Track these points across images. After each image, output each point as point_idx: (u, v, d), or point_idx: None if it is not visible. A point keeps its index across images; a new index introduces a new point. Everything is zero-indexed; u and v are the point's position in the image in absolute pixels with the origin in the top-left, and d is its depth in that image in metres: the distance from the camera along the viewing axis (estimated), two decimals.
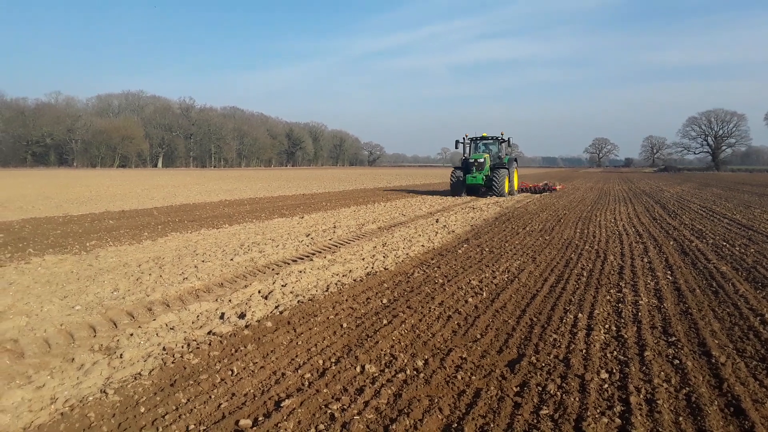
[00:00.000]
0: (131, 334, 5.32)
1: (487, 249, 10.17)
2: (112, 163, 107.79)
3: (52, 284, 7.37)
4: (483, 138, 27.17)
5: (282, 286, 7.27)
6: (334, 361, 4.66)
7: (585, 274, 8.03)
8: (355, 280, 7.68)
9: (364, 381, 4.24)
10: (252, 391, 4.09)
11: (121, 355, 4.74)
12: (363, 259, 9.29)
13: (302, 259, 9.40)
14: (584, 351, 4.85)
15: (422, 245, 10.60)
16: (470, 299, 6.56)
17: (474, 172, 25.44)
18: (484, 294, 6.82)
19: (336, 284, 7.42)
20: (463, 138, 26.90)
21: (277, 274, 8.04)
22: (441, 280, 7.61)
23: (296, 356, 4.77)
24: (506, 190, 25.08)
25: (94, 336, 5.44)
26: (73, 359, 4.70)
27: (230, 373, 4.39)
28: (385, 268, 8.44)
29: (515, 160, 28.23)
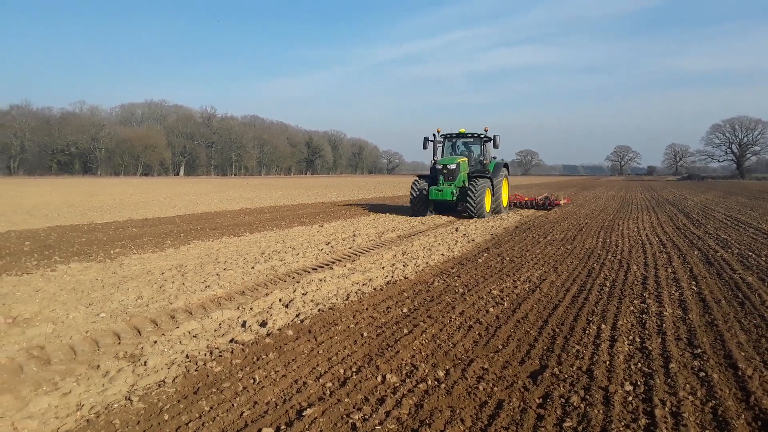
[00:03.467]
0: (155, 342, 5.39)
1: (507, 258, 10.11)
2: (135, 172, 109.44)
3: (77, 291, 7.50)
4: (460, 135, 20.32)
5: (302, 294, 7.31)
6: (355, 370, 4.67)
7: (608, 284, 7.94)
8: (375, 289, 7.69)
9: (386, 391, 4.24)
10: (274, 399, 4.11)
11: (145, 362, 4.81)
12: (383, 267, 9.30)
13: (322, 267, 9.44)
14: (608, 363, 4.79)
15: (442, 254, 10.58)
16: (491, 309, 6.53)
17: (441, 184, 18.53)
18: (506, 304, 6.78)
19: (356, 293, 7.44)
20: (434, 135, 20.13)
21: (298, 282, 8.08)
22: (461, 290, 7.58)
23: (317, 365, 4.78)
24: (487, 207, 18.42)
25: (119, 343, 5.52)
26: (99, 366, 4.78)
27: (252, 381, 4.42)
28: (405, 277, 8.44)
29: (505, 165, 20.98)
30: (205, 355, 5.07)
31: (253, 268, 9.13)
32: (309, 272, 9.03)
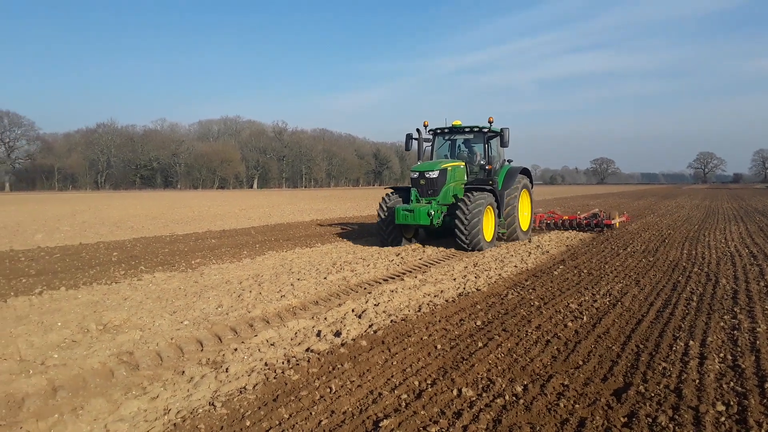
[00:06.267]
0: (235, 349, 5.56)
1: (585, 270, 9.76)
2: (212, 185, 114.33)
3: (162, 300, 7.87)
4: (455, 130, 14.52)
5: (375, 305, 7.35)
6: (429, 382, 4.63)
7: (695, 298, 7.50)
8: (447, 301, 7.62)
9: (462, 404, 4.17)
10: (350, 409, 4.13)
11: (226, 369, 4.96)
12: (454, 279, 9.21)
13: (393, 278, 9.46)
14: (697, 381, 4.52)
15: (515, 266, 10.36)
16: (570, 323, 6.31)
17: (412, 203, 13.21)
18: (585, 318, 6.53)
19: (428, 304, 7.39)
20: (418, 131, 14.74)
21: (369, 293, 8.13)
22: (537, 303, 7.38)
23: (392, 376, 4.77)
24: (488, 234, 12.85)
25: (201, 350, 5.74)
26: (183, 372, 4.98)
27: (329, 390, 4.46)
28: (477, 289, 8.31)
29: (524, 172, 15.23)
30: (283, 363, 5.17)
31: (325, 278, 9.27)
32: (380, 283, 9.08)
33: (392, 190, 14.45)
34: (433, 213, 12.45)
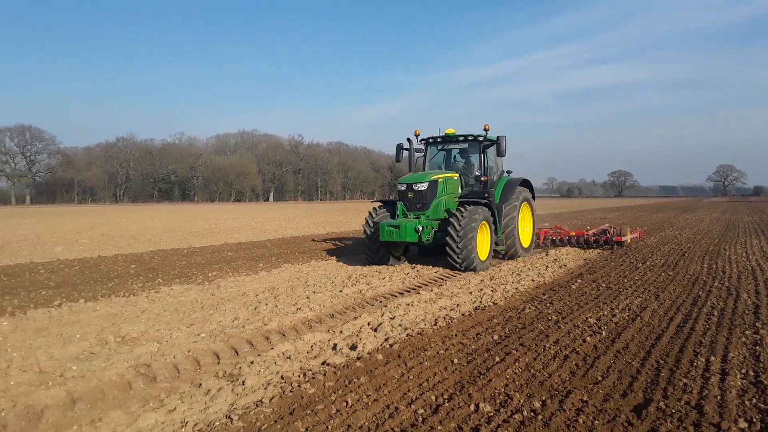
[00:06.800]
0: (251, 362, 5.57)
1: (603, 285, 9.65)
2: (228, 198, 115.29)
3: (179, 312, 7.92)
4: (448, 139, 13.58)
5: (390, 318, 7.32)
6: (446, 397, 4.59)
7: (716, 313, 7.38)
8: (463, 315, 7.57)
9: (479, 420, 4.12)
10: (367, 423, 4.11)
11: (243, 382, 4.97)
12: (470, 292, 9.15)
13: (409, 291, 9.43)
14: (719, 397, 4.43)
15: (532, 279, 10.27)
16: (588, 338, 6.23)
17: (398, 218, 12.31)
18: (603, 333, 6.45)
19: (444, 318, 7.35)
20: (408, 140, 13.96)
21: (385, 306, 8.10)
22: (555, 317, 7.30)
23: (408, 390, 4.74)
24: (483, 253, 11.83)
25: (218, 362, 5.75)
26: (200, 384, 4.99)
27: (345, 404, 4.44)
28: (494, 303, 8.25)
29: (524, 183, 14.34)
30: (299, 376, 5.17)
31: (341, 291, 9.27)
32: (396, 296, 9.06)
33: (380, 204, 13.47)
34: (421, 229, 11.47)
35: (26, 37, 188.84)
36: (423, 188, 12.06)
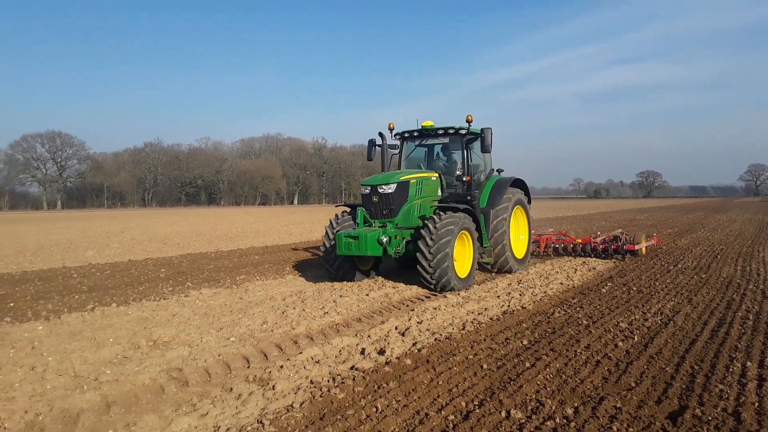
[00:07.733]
0: (281, 367, 5.60)
1: (634, 288, 9.48)
2: (253, 201, 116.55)
3: (209, 316, 8.01)
4: (425, 132, 11.59)
5: (418, 323, 7.30)
6: (477, 403, 4.55)
7: (751, 317, 7.19)
8: (491, 319, 7.51)
9: (511, 427, 4.08)
10: (397, 429, 4.09)
11: (273, 386, 4.99)
12: (498, 296, 9.08)
13: (436, 295, 9.39)
14: (756, 404, 4.32)
15: (561, 283, 10.15)
16: (620, 343, 6.12)
17: (358, 227, 10.07)
18: (636, 338, 6.33)
19: (472, 322, 7.30)
20: (381, 135, 12.12)
21: (412, 310, 8.09)
22: (585, 322, 7.19)
23: (438, 396, 4.71)
24: (463, 270, 9.91)
25: (248, 367, 5.80)
26: (231, 389, 5.03)
27: (375, 410, 4.43)
28: (522, 307, 8.17)
29: (517, 182, 12.40)
30: (328, 381, 5.18)
31: (367, 295, 9.28)
32: (423, 300, 9.03)
33: (348, 209, 11.16)
34: (387, 240, 9.41)
35: (57, 46, 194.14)
36: (390, 191, 10.08)
